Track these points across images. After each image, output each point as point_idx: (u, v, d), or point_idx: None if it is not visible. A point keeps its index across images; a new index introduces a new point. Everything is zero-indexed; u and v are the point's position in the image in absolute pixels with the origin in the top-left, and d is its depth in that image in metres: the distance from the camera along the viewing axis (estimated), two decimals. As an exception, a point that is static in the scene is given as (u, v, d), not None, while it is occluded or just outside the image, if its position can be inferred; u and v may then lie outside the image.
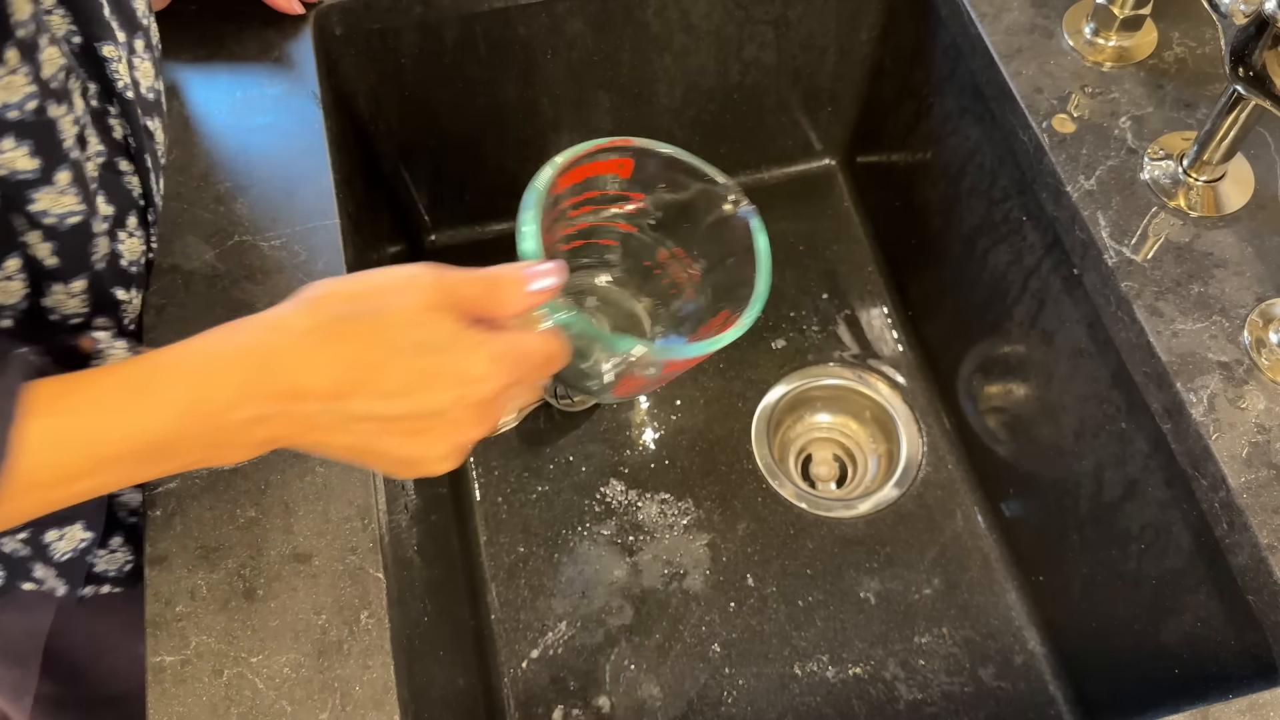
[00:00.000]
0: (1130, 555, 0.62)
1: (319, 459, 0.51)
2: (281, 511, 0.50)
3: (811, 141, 0.95)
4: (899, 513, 0.80)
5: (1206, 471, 0.53)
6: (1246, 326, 0.55)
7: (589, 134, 0.87)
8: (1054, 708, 0.73)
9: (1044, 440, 0.71)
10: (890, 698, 0.73)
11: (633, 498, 0.81)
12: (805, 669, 0.74)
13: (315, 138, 0.62)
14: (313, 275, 0.57)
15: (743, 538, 0.79)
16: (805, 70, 0.87)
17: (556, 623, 0.76)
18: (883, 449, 0.85)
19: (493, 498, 0.81)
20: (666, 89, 0.85)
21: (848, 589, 0.77)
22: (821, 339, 0.88)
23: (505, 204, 0.92)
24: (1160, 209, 0.60)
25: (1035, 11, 0.68)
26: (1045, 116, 0.63)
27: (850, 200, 0.95)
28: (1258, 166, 0.61)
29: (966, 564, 0.78)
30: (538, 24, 0.77)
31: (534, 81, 0.81)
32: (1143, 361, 0.56)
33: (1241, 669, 0.54)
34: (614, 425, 0.84)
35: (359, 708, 0.45)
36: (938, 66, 0.76)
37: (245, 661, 0.46)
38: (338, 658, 0.47)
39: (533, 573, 0.78)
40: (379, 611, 0.48)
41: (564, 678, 0.74)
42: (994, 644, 0.75)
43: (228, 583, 0.48)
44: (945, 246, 0.80)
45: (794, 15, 0.81)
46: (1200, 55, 0.66)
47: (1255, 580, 0.50)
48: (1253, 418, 0.53)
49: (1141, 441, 0.60)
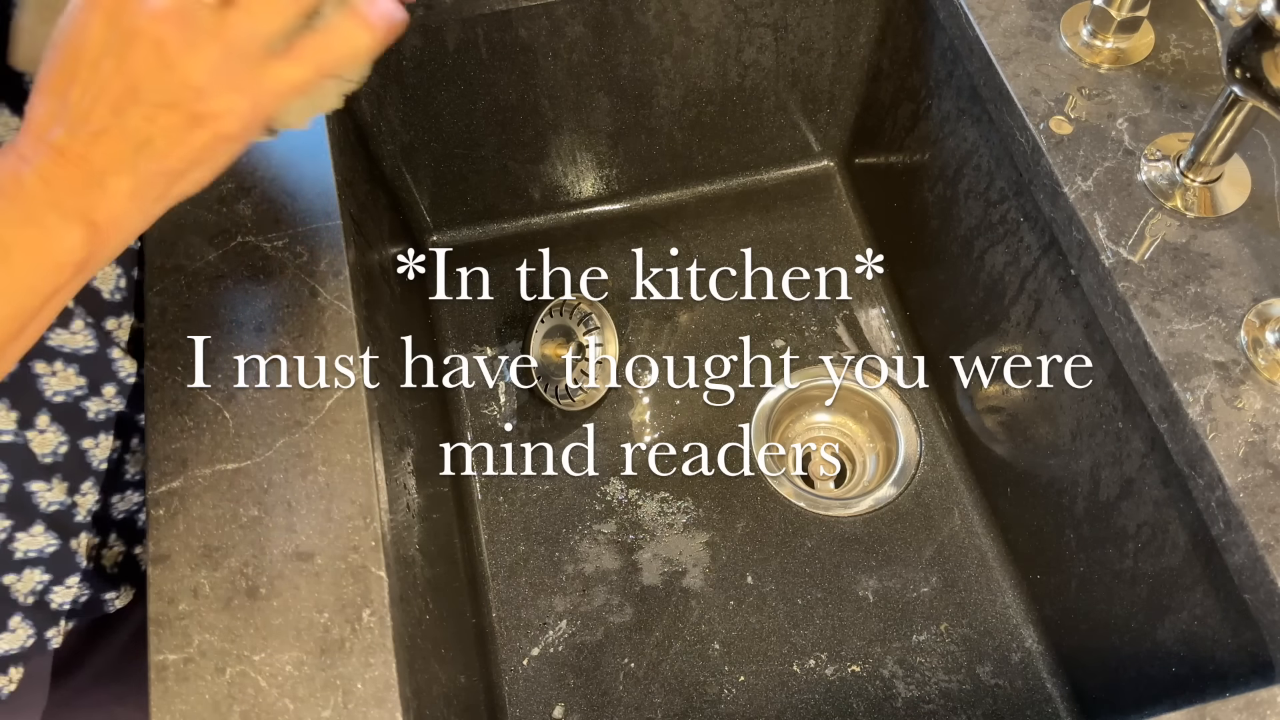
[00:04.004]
0: (1127, 554, 0.63)
1: (321, 459, 0.52)
2: (284, 510, 0.50)
3: (810, 143, 0.95)
4: (897, 511, 0.81)
5: (1203, 471, 0.53)
6: (1243, 327, 0.56)
7: (589, 135, 0.88)
8: (1051, 705, 0.73)
9: (1041, 439, 0.71)
10: (888, 695, 0.74)
11: (633, 496, 0.81)
12: (804, 667, 0.75)
13: (318, 139, 0.62)
14: (315, 276, 0.58)
15: (742, 536, 0.79)
16: (804, 72, 0.87)
17: (557, 621, 0.76)
18: (881, 448, 0.85)
19: (494, 497, 0.81)
20: (666, 91, 0.85)
21: (846, 587, 0.77)
22: (820, 339, 0.88)
23: (507, 205, 0.93)
24: (1157, 210, 0.60)
25: (1033, 14, 0.68)
26: (1042, 118, 0.64)
27: (848, 201, 0.95)
28: (1254, 168, 0.61)
29: (964, 562, 0.78)
30: (538, 26, 0.77)
31: (534, 83, 0.81)
32: (1139, 361, 0.57)
33: (1238, 667, 0.54)
34: (614, 425, 0.84)
35: (361, 705, 0.46)
36: (935, 68, 0.77)
37: (248, 659, 0.47)
38: (340, 656, 0.47)
39: (533, 571, 0.78)
40: (381, 610, 0.48)
41: (564, 675, 0.74)
42: (991, 642, 0.75)
43: (230, 581, 0.48)
44: (943, 247, 0.81)
45: (793, 18, 0.82)
46: (1197, 57, 0.66)
47: (1252, 579, 0.51)
48: (1249, 417, 0.53)
49: (1138, 441, 0.60)
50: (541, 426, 0.85)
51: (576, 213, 0.95)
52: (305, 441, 0.52)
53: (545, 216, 0.95)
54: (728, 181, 0.96)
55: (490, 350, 0.88)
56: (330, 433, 0.53)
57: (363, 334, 0.57)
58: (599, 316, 0.85)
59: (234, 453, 0.52)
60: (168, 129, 0.36)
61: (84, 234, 0.37)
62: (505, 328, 0.90)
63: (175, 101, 0.36)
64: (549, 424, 0.85)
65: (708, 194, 0.96)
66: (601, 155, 0.91)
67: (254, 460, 0.51)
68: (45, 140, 0.35)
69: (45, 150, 0.35)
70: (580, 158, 0.90)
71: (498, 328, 0.90)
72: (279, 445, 0.52)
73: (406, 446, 0.64)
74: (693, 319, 0.89)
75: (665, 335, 0.88)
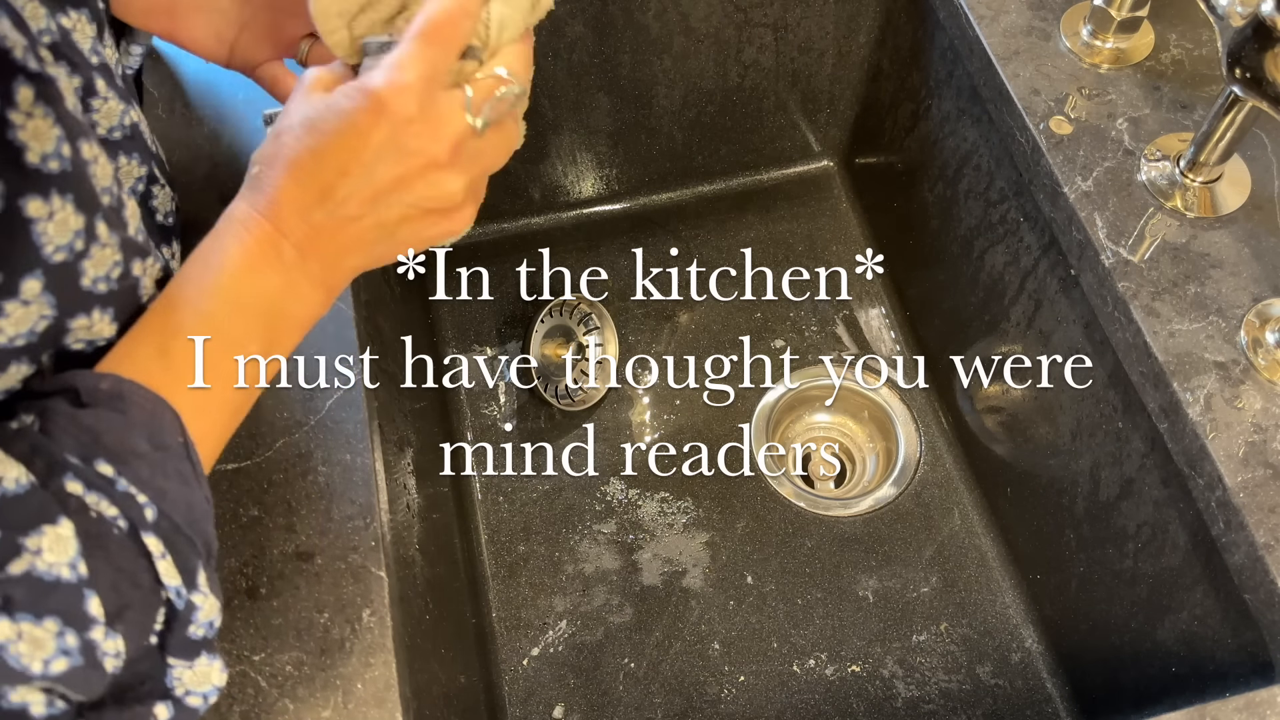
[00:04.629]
0: (1127, 554, 0.63)
1: (321, 459, 0.52)
2: (284, 510, 0.50)
3: (810, 143, 0.95)
4: (897, 511, 0.81)
5: (1203, 471, 0.53)
6: (1243, 327, 0.56)
7: (589, 135, 0.88)
8: (1051, 705, 0.73)
9: (1041, 439, 0.71)
10: (888, 695, 0.74)
11: (633, 496, 0.81)
12: (804, 666, 0.75)
13: (317, 139, 0.62)
14: (315, 276, 0.58)
15: (742, 536, 0.79)
16: (804, 72, 0.87)
17: (557, 621, 0.76)
18: (881, 448, 0.85)
19: (494, 497, 0.81)
20: (666, 91, 0.85)
21: (846, 587, 0.77)
22: (820, 339, 0.88)
23: (507, 205, 0.93)
24: (1157, 210, 0.60)
25: (1033, 14, 0.68)
26: (1042, 118, 0.64)
27: (848, 201, 0.95)
28: (1254, 168, 0.61)
29: (964, 562, 0.78)
30: (538, 26, 0.77)
31: (535, 83, 0.81)
32: (1139, 361, 0.57)
33: (1238, 667, 0.54)
34: (614, 425, 0.84)
35: (361, 705, 0.46)
36: (935, 68, 0.77)
37: (248, 659, 0.47)
38: (340, 656, 0.47)
39: (533, 571, 0.78)
40: (381, 610, 0.48)
41: (564, 675, 0.74)
42: (991, 642, 0.75)
43: (230, 581, 0.48)
44: (943, 247, 0.81)
45: (792, 18, 0.82)
46: (1197, 57, 0.66)
47: (1252, 579, 0.51)
48: (1249, 417, 0.53)
49: (1138, 441, 0.60)
50: (541, 426, 0.85)
51: (576, 213, 0.95)
52: (305, 441, 0.52)
53: (545, 216, 0.95)
54: (728, 181, 0.96)
55: (490, 350, 0.88)
56: (330, 433, 0.53)
57: (363, 334, 0.57)
58: (599, 316, 0.85)
59: (234, 453, 0.52)
60: (416, 226, 0.42)
61: (325, 300, 0.41)
62: (505, 328, 0.90)
63: (434, 209, 0.41)
64: (549, 424, 0.85)
65: (708, 194, 0.96)
66: (601, 155, 0.91)
67: (254, 460, 0.51)
68: (307, 221, 0.39)
69: (304, 229, 0.39)
70: (580, 158, 0.90)
71: (498, 328, 0.90)
72: (279, 445, 0.52)
73: (406, 446, 0.64)
74: (693, 319, 0.89)
75: (665, 335, 0.88)
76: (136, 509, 0.34)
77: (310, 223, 0.39)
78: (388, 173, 0.39)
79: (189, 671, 0.36)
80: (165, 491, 0.35)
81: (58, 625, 0.31)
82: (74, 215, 0.34)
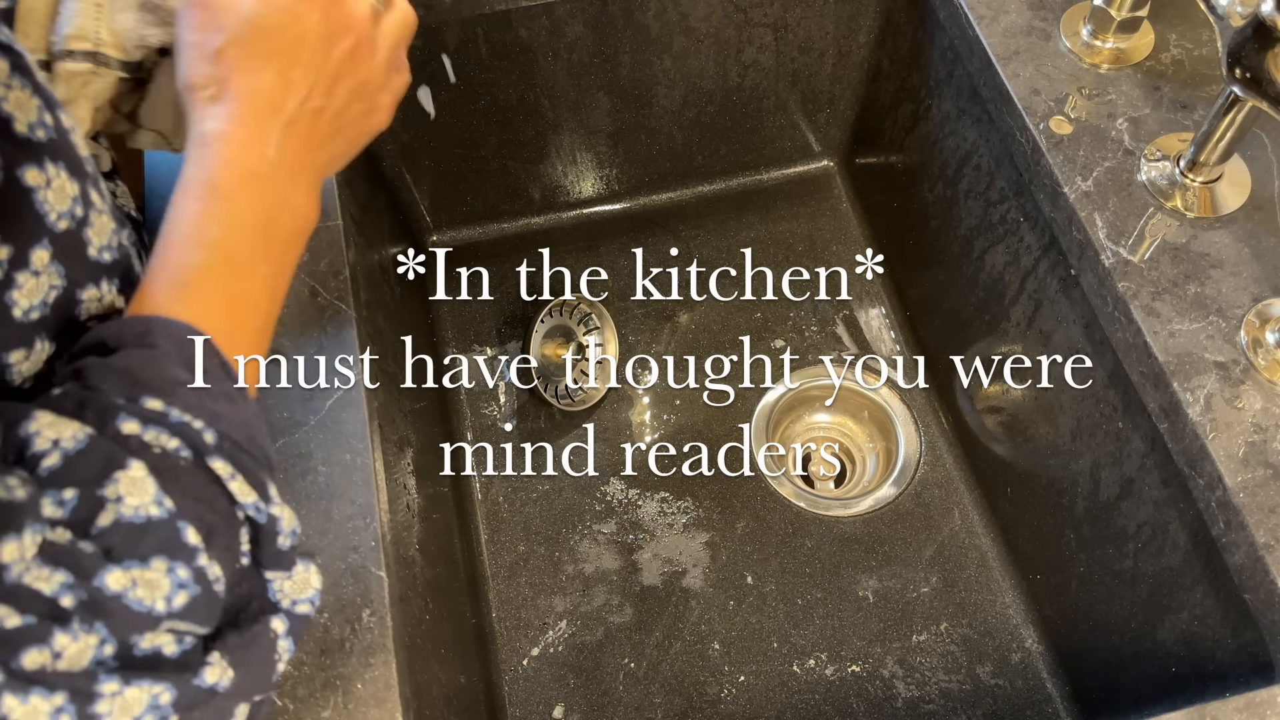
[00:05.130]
0: (1127, 554, 0.63)
1: (321, 459, 0.52)
2: (284, 510, 0.50)
3: (810, 143, 0.95)
4: (897, 511, 0.81)
5: (1203, 471, 0.53)
6: (1243, 327, 0.56)
7: (589, 135, 0.88)
8: (1051, 705, 0.73)
9: (1041, 439, 0.71)
10: (888, 695, 0.74)
11: (633, 496, 0.81)
12: (804, 667, 0.75)
13: (317, 139, 0.62)
14: (315, 276, 0.58)
15: (742, 536, 0.79)
16: (804, 72, 0.87)
17: (557, 621, 0.76)
18: (881, 448, 0.85)
19: (494, 497, 0.81)
20: (666, 90, 0.85)
21: (846, 587, 0.77)
22: (820, 339, 0.88)
23: (507, 205, 0.93)
24: (1157, 210, 0.60)
25: (1033, 14, 0.68)
26: (1042, 118, 0.64)
27: (848, 201, 0.95)
28: (1254, 168, 0.61)
29: (964, 562, 0.78)
30: (538, 26, 0.77)
31: (534, 83, 0.81)
32: (1139, 361, 0.57)
33: (1238, 667, 0.54)
34: (614, 425, 0.84)
35: (361, 705, 0.46)
36: (935, 68, 0.77)
37: (248, 659, 0.47)
38: (340, 655, 0.47)
39: (533, 571, 0.78)
40: (381, 610, 0.48)
41: (564, 675, 0.74)
42: (991, 642, 0.75)
43: (231, 581, 0.48)
44: (943, 247, 0.81)
45: (792, 18, 0.82)
46: (1197, 57, 0.66)
47: (1252, 579, 0.51)
48: (1249, 417, 0.53)
49: (1138, 441, 0.60)
50: (541, 426, 0.85)
51: (576, 213, 0.95)
52: (305, 441, 0.52)
53: (545, 216, 0.95)
54: (728, 181, 0.96)
55: (490, 350, 0.88)
56: (330, 433, 0.53)
57: (363, 334, 0.57)
58: (599, 316, 0.85)
59: (234, 453, 0.52)
60: (355, 116, 0.42)
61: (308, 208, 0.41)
62: (505, 328, 0.90)
63: (364, 92, 0.42)
64: (549, 424, 0.85)
65: (708, 194, 0.96)
66: (601, 155, 0.91)
67: (254, 460, 0.51)
68: (280, 116, 0.39)
69: (279, 128, 0.39)
70: (580, 158, 0.90)
71: (498, 328, 0.90)
72: (279, 445, 0.52)
73: (406, 446, 0.64)
74: (693, 319, 0.89)
75: (665, 335, 0.88)
76: (196, 435, 0.33)
77: (284, 120, 0.39)
78: (332, 55, 0.40)
79: (289, 581, 0.36)
80: (218, 414, 0.34)
81: (165, 562, 0.31)
82: (69, 182, 0.34)
